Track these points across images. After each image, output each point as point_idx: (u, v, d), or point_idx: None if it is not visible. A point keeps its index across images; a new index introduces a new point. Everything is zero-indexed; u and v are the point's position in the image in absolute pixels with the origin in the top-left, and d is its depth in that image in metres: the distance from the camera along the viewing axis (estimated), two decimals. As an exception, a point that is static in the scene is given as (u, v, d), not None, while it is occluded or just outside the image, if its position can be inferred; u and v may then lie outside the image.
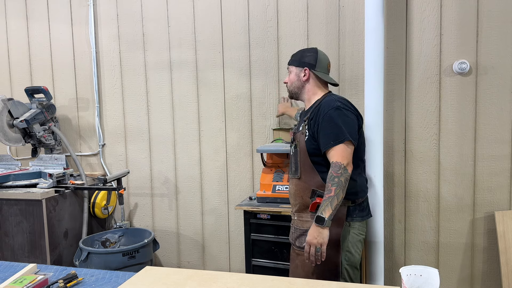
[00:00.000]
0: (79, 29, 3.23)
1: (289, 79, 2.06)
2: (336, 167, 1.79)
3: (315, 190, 1.88)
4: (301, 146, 1.94)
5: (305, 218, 1.95)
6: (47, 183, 2.79)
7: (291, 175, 2.03)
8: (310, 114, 1.95)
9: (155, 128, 3.13)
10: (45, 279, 1.46)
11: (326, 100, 1.95)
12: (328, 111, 1.87)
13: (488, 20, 2.42)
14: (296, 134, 2.00)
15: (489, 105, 2.46)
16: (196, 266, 3.13)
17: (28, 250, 2.71)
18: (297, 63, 2.03)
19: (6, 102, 2.94)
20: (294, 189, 1.99)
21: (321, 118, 1.88)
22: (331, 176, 1.78)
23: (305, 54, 2.03)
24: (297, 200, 1.98)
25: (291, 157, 2.04)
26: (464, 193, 2.55)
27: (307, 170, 1.93)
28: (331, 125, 1.85)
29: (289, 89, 2.07)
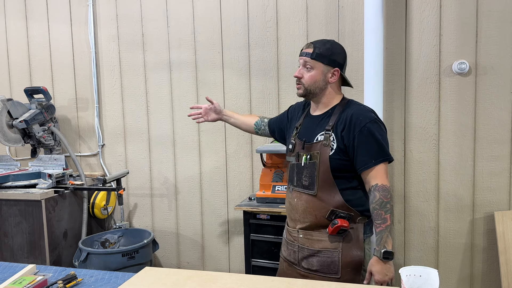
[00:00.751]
0: (78, 30, 3.23)
1: (310, 75, 1.72)
2: (385, 191, 1.61)
3: (334, 211, 1.67)
4: (322, 160, 1.68)
5: (316, 237, 1.72)
6: (46, 183, 2.78)
7: (300, 189, 1.75)
8: (335, 123, 1.70)
9: (155, 128, 3.13)
10: (44, 280, 1.45)
11: (356, 109, 1.71)
12: (366, 123, 1.65)
13: (488, 20, 2.42)
14: (314, 144, 1.72)
15: (489, 105, 2.46)
16: (196, 266, 3.13)
17: (27, 250, 2.70)
18: (327, 61, 1.71)
19: (6, 102, 2.94)
20: (305, 206, 1.73)
21: (357, 132, 1.65)
22: (382, 202, 1.60)
23: (335, 51, 1.73)
24: (308, 218, 1.73)
25: (301, 169, 1.74)
26: (464, 193, 2.55)
27: (327, 188, 1.68)
28: (371, 141, 1.64)
29: (307, 87, 1.73)
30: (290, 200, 1.82)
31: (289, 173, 1.84)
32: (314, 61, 1.71)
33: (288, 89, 2.79)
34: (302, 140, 1.77)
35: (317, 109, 1.80)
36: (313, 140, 1.73)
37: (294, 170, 1.79)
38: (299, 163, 1.76)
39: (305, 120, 1.84)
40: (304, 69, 1.73)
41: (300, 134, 1.81)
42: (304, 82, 1.73)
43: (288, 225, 1.85)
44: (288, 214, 1.85)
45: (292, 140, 1.83)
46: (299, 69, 1.75)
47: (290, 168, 1.83)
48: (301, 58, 1.74)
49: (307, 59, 1.72)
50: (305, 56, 1.72)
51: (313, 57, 1.70)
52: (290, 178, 1.83)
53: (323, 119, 1.75)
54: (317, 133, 1.74)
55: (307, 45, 1.74)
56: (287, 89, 2.79)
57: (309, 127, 1.80)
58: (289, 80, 2.78)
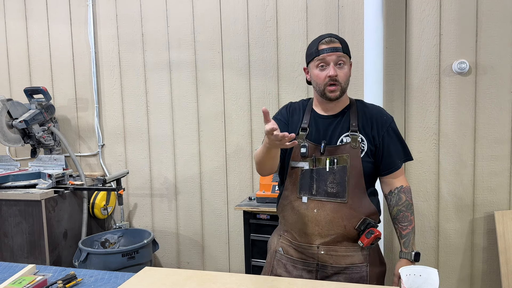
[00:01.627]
0: (78, 29, 3.23)
1: (344, 72, 1.56)
2: (410, 193, 1.60)
3: (366, 219, 1.55)
4: (354, 164, 1.54)
5: (343, 252, 1.57)
6: (46, 183, 2.78)
7: (323, 197, 1.56)
8: (359, 123, 1.59)
9: (155, 128, 3.13)
10: (44, 280, 1.45)
11: (373, 108, 1.65)
12: (390, 123, 1.61)
13: (488, 20, 2.42)
14: (340, 147, 1.57)
15: (489, 105, 2.46)
16: (196, 266, 3.13)
17: (27, 250, 2.70)
18: (349, 53, 1.60)
19: (5, 102, 2.94)
20: (331, 216, 1.54)
21: (384, 132, 1.59)
22: (408, 204, 1.58)
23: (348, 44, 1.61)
24: (334, 230, 1.55)
25: (324, 175, 1.56)
26: (464, 193, 2.54)
27: (359, 194, 1.55)
28: (396, 141, 1.61)
29: (344, 86, 1.56)
30: (305, 212, 1.58)
31: (300, 180, 1.60)
32: (345, 55, 1.55)
33: (288, 89, 2.79)
34: (320, 143, 1.59)
35: (328, 109, 1.63)
36: (335, 142, 1.58)
37: (311, 176, 1.58)
38: (319, 168, 1.57)
39: (314, 120, 1.64)
40: (336, 67, 1.54)
41: (312, 136, 1.61)
42: (341, 80, 1.55)
43: (297, 241, 1.62)
44: (297, 228, 1.61)
45: (303, 143, 1.61)
46: (332, 68, 1.53)
47: (302, 174, 1.60)
48: (331, 54, 1.53)
49: (340, 53, 1.54)
50: (338, 51, 1.53)
51: (344, 50, 1.55)
52: (302, 186, 1.59)
53: (341, 119, 1.61)
54: (339, 134, 1.59)
55: (329, 39, 1.55)
56: (287, 89, 2.79)
57: (324, 129, 1.61)
58: (289, 80, 2.78)
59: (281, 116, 1.71)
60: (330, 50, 1.53)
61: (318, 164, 1.58)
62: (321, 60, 1.54)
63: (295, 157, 1.62)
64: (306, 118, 1.65)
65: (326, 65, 1.54)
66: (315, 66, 1.57)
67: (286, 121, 1.68)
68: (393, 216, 1.61)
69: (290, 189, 1.64)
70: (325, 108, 1.64)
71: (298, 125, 1.65)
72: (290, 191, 1.64)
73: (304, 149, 1.59)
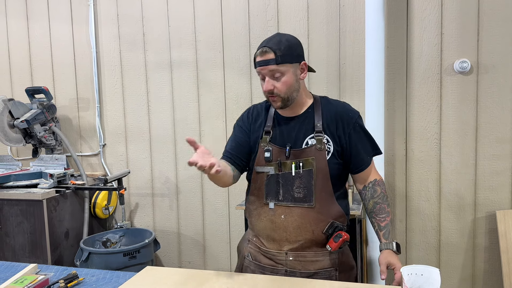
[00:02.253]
0: (79, 29, 3.23)
1: (283, 82, 1.49)
2: (384, 185, 1.61)
3: (334, 223, 1.52)
4: (320, 166, 1.51)
5: (311, 258, 1.54)
6: (47, 183, 2.79)
7: (290, 203, 1.53)
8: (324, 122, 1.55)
9: (156, 128, 3.13)
10: (46, 279, 1.45)
11: (338, 104, 1.61)
12: (356, 119, 1.56)
13: (489, 19, 2.42)
14: (305, 150, 1.53)
15: (490, 104, 2.46)
16: (197, 266, 3.13)
17: (29, 250, 2.71)
18: (292, 58, 1.50)
19: (7, 102, 2.94)
20: (299, 222, 1.52)
21: (351, 129, 1.54)
22: (383, 196, 1.57)
23: (293, 44, 1.52)
24: (303, 236, 1.52)
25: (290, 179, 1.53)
26: (465, 192, 2.54)
27: (326, 197, 1.53)
28: (364, 137, 1.58)
29: (284, 96, 1.50)
30: (272, 218, 1.55)
31: (265, 186, 1.56)
32: (281, 66, 1.47)
33: (289, 88, 2.79)
34: (284, 146, 1.55)
35: (290, 110, 1.58)
36: (301, 145, 1.54)
37: (277, 182, 1.54)
38: (285, 172, 1.53)
39: (278, 123, 1.60)
40: (273, 79, 1.49)
41: (277, 139, 1.57)
42: (279, 92, 1.49)
43: (265, 247, 1.58)
44: (265, 234, 1.58)
45: (266, 147, 1.56)
46: (266, 83, 1.49)
47: (268, 180, 1.56)
48: (263, 69, 1.48)
49: (273, 67, 1.47)
50: (269, 65, 1.47)
51: (278, 62, 1.46)
52: (269, 192, 1.56)
53: (305, 120, 1.57)
54: (304, 137, 1.54)
55: (262, 51, 1.49)
56: (288, 89, 2.79)
57: (288, 131, 1.57)
58: (290, 79, 2.78)
59: (243, 123, 1.68)
60: (263, 63, 1.48)
61: (284, 169, 1.54)
62: (258, 72, 1.52)
63: (260, 162, 1.58)
64: (269, 120, 1.61)
65: (263, 77, 1.51)
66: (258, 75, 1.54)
67: (248, 128, 1.65)
68: (369, 210, 1.58)
69: (256, 194, 1.60)
70: (288, 109, 1.57)
71: (261, 129, 1.61)
72: (256, 196, 1.61)
73: (268, 154, 1.55)
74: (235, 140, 1.65)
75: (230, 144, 1.67)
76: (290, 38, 1.55)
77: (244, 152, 1.63)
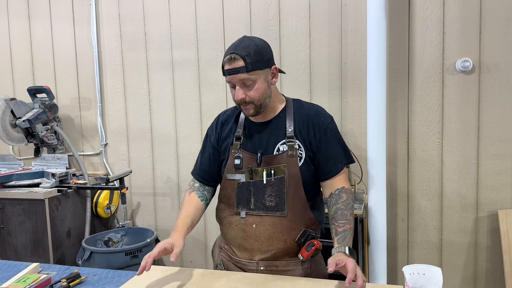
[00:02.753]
0: (81, 29, 3.23)
1: (255, 89, 1.42)
2: (352, 194, 1.49)
3: (306, 231, 1.49)
4: (292, 173, 1.46)
5: (283, 267, 1.51)
6: (49, 182, 2.79)
7: (261, 212, 1.48)
8: (295, 127, 1.49)
9: (157, 127, 3.13)
10: (48, 278, 1.46)
11: (311, 108, 1.54)
12: (328, 124, 1.50)
13: (491, 18, 2.41)
14: (276, 157, 1.47)
15: (492, 104, 2.45)
16: (199, 265, 3.13)
17: (31, 249, 2.71)
18: (262, 64, 1.42)
19: (9, 102, 2.95)
20: (270, 231, 1.47)
21: (322, 134, 1.48)
22: (348, 204, 1.45)
23: (262, 48, 1.44)
24: (276, 245, 1.48)
25: (261, 187, 1.47)
26: (467, 191, 2.54)
27: (298, 205, 1.48)
28: (336, 144, 1.50)
29: (257, 103, 1.44)
30: (243, 227, 1.50)
31: (236, 194, 1.51)
32: (252, 74, 1.40)
33: (291, 87, 2.79)
34: (255, 152, 1.49)
35: (261, 116, 1.51)
36: (272, 152, 1.48)
37: (248, 190, 1.49)
38: (256, 180, 1.48)
39: (249, 128, 1.54)
40: (244, 88, 1.42)
41: (247, 146, 1.52)
42: (252, 99, 1.43)
43: (237, 256, 1.55)
44: (236, 243, 1.54)
45: (237, 154, 1.51)
46: (237, 91, 1.43)
47: (239, 188, 1.51)
48: (234, 77, 1.41)
49: (243, 75, 1.39)
50: (240, 73, 1.39)
51: (249, 69, 1.39)
52: (240, 200, 1.51)
53: (276, 125, 1.51)
54: (276, 143, 1.49)
55: (230, 59, 1.40)
56: (290, 87, 2.79)
57: (259, 137, 1.51)
58: (292, 79, 2.78)
59: (211, 132, 1.63)
60: (232, 72, 1.40)
61: (255, 176, 1.48)
62: (228, 81, 1.45)
63: (230, 169, 1.52)
64: (240, 126, 1.55)
65: (234, 86, 1.44)
66: (229, 83, 1.46)
67: (216, 139, 1.60)
68: (330, 216, 1.45)
69: (226, 202, 1.55)
70: (259, 115, 1.50)
71: (231, 135, 1.56)
72: (226, 204, 1.56)
73: (238, 161, 1.50)
74: (205, 156, 1.63)
75: (201, 159, 1.65)
76: (259, 42, 1.46)
77: (215, 167, 1.60)
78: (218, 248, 1.66)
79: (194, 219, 1.56)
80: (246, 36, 1.48)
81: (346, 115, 2.69)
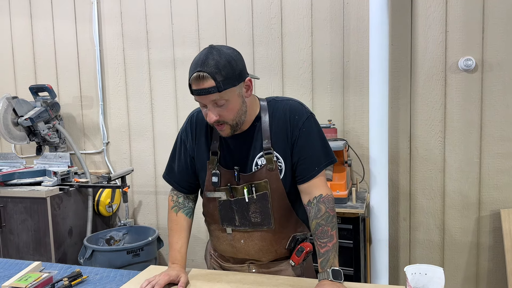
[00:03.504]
0: (83, 27, 3.23)
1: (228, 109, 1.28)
2: (330, 202, 1.36)
3: (295, 236, 1.46)
4: (274, 188, 1.38)
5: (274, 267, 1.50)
6: (51, 181, 2.79)
7: (248, 228, 1.43)
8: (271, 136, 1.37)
9: (159, 126, 3.13)
10: (49, 277, 1.46)
11: (284, 107, 1.39)
12: (303, 123, 1.37)
13: (494, 16, 2.40)
14: (255, 173, 1.38)
15: (495, 102, 2.44)
16: (200, 264, 3.13)
17: (33, 247, 2.72)
18: (234, 80, 1.26)
19: (11, 100, 2.95)
20: (260, 245, 1.44)
21: (297, 134, 1.36)
22: (328, 217, 1.33)
23: (233, 61, 1.26)
24: (267, 257, 1.47)
25: (244, 205, 1.40)
26: (470, 191, 2.53)
27: (285, 215, 1.43)
28: (312, 144, 1.38)
29: (233, 123, 1.31)
30: (231, 243, 1.47)
31: (219, 212, 1.45)
32: (224, 93, 1.25)
33: (292, 86, 2.78)
34: (233, 168, 1.39)
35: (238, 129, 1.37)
36: (250, 167, 1.39)
37: (231, 208, 1.42)
38: (237, 198, 1.40)
39: (225, 141, 1.42)
40: (217, 108, 1.28)
41: (225, 160, 1.41)
42: (227, 119, 1.30)
43: (228, 263, 1.55)
44: (227, 255, 1.53)
45: (214, 171, 1.41)
46: (209, 113, 1.29)
47: (221, 206, 1.44)
48: (204, 98, 1.26)
49: (215, 96, 1.24)
50: (212, 93, 1.24)
51: (221, 89, 1.23)
52: (223, 218, 1.45)
53: (253, 135, 1.39)
54: (253, 156, 1.39)
55: (197, 78, 1.24)
56: (292, 87, 2.78)
57: (236, 150, 1.41)
58: (294, 78, 2.77)
59: (186, 137, 1.50)
60: (202, 92, 1.25)
61: (236, 194, 1.40)
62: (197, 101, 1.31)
63: (209, 187, 1.44)
64: (215, 137, 1.43)
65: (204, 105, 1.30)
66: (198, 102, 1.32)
67: (193, 147, 1.48)
68: (312, 231, 1.36)
69: (211, 217, 1.50)
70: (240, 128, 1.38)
71: (207, 147, 1.45)
72: (211, 219, 1.51)
73: (216, 178, 1.40)
74: (182, 165, 1.51)
75: (178, 167, 1.52)
76: (229, 54, 1.27)
77: (192, 175, 1.50)
78: (209, 255, 1.65)
79: (187, 242, 1.52)
80: (213, 47, 1.28)
81: (348, 114, 2.69)
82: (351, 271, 2.29)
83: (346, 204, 2.31)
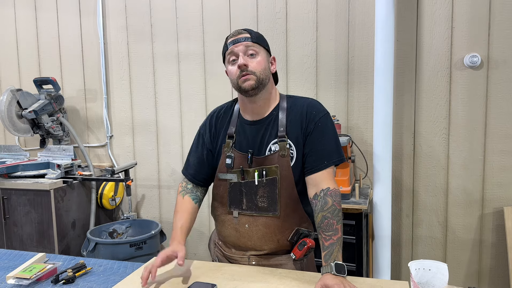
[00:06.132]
0: (87, 20, 3.23)
1: (257, 61, 1.42)
2: (337, 196, 1.38)
3: (299, 229, 1.47)
4: (284, 174, 1.42)
5: (274, 261, 1.51)
6: (55, 173, 2.80)
7: (254, 212, 1.47)
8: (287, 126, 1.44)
9: (163, 119, 3.13)
10: (54, 268, 1.47)
11: (304, 102, 1.47)
12: (320, 118, 1.43)
13: (500, 13, 2.38)
14: (268, 157, 1.44)
15: (500, 100, 2.43)
16: (203, 257, 3.15)
17: (36, 239, 2.73)
18: (264, 44, 1.47)
19: (15, 93, 2.96)
20: (263, 231, 1.46)
21: (312, 128, 1.42)
22: (334, 210, 1.35)
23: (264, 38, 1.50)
24: (268, 245, 1.48)
25: (253, 188, 1.45)
26: (473, 188, 2.52)
27: (291, 205, 1.45)
28: (326, 138, 1.42)
29: (259, 75, 1.40)
30: (236, 227, 1.50)
31: (228, 194, 1.50)
32: (257, 45, 1.42)
33: (297, 81, 2.77)
34: (247, 152, 1.46)
35: (254, 112, 1.49)
36: (263, 152, 1.45)
37: (240, 190, 1.47)
38: (247, 181, 1.46)
39: (241, 127, 1.50)
40: (247, 58, 1.41)
41: (240, 145, 1.48)
42: (254, 69, 1.40)
43: (230, 253, 1.56)
44: (230, 241, 1.54)
45: (228, 153, 1.49)
46: (241, 57, 1.40)
47: (231, 188, 1.49)
48: (239, 45, 1.41)
49: (249, 43, 1.41)
50: (245, 41, 1.41)
51: (254, 40, 1.42)
52: (232, 200, 1.50)
53: (269, 123, 1.46)
54: (267, 142, 1.45)
55: (237, 32, 1.45)
56: (296, 81, 2.78)
57: (252, 136, 1.47)
58: (298, 72, 2.76)
59: (204, 131, 1.60)
60: (237, 40, 1.42)
61: (247, 177, 1.46)
62: (230, 54, 1.43)
63: (222, 169, 1.50)
64: (233, 123, 1.52)
65: (236, 58, 1.42)
66: (228, 62, 1.45)
67: (210, 140, 1.57)
68: (317, 224, 1.37)
69: (220, 201, 1.55)
70: (251, 112, 1.49)
71: (224, 132, 1.54)
72: (219, 203, 1.55)
73: (230, 160, 1.47)
74: (198, 157, 1.59)
75: (193, 159, 1.61)
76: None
77: (209, 168, 1.57)
78: (214, 243, 1.67)
79: (190, 224, 1.54)
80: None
81: (352, 110, 2.68)
82: (354, 267, 2.29)
83: (349, 200, 2.31)
